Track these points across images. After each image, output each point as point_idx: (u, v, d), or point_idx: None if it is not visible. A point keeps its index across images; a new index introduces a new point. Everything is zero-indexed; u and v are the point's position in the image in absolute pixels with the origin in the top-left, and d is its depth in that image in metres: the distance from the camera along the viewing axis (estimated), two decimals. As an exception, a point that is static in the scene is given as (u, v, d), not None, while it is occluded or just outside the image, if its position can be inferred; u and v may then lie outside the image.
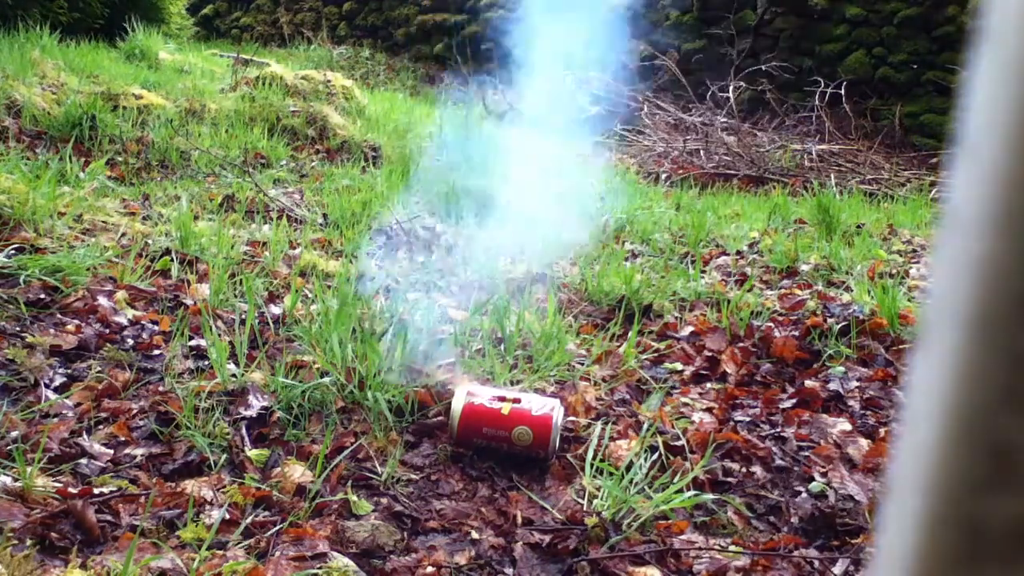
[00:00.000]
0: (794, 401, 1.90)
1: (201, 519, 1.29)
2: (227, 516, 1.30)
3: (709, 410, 1.83)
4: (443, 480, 1.51)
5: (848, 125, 6.65)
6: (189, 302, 2.09)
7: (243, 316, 1.93)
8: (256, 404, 1.63)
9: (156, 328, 1.95)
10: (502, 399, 1.59)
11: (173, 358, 1.79)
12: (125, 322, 1.94)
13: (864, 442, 1.71)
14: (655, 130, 6.50)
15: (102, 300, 1.99)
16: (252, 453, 1.49)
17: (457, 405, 1.57)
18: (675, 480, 1.47)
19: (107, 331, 1.89)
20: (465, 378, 1.75)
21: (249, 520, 1.30)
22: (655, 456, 1.56)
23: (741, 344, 2.18)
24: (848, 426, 1.78)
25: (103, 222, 2.61)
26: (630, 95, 6.89)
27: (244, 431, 1.56)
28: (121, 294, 2.04)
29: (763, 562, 1.33)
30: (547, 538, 1.35)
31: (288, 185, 3.59)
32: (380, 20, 10.23)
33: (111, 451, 1.46)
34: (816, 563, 1.35)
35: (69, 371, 1.71)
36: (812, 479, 1.58)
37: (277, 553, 1.23)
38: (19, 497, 1.26)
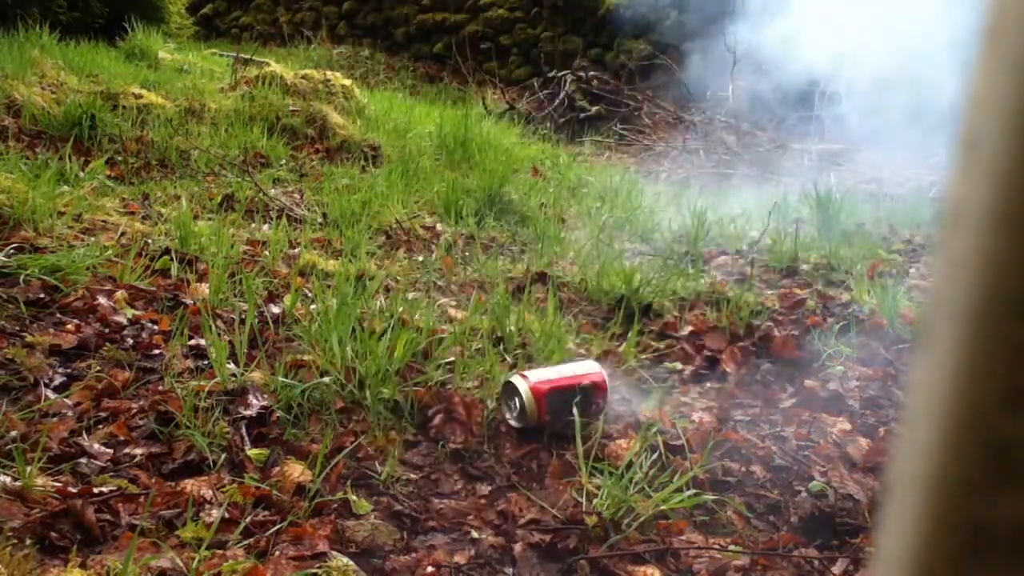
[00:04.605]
0: (794, 401, 1.90)
1: (201, 518, 1.29)
2: (227, 515, 1.29)
3: (709, 409, 1.83)
4: (443, 479, 1.51)
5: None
6: (189, 301, 2.09)
7: (243, 316, 1.93)
8: (256, 404, 1.63)
9: (156, 328, 1.95)
10: (549, 372, 1.69)
11: (173, 358, 1.79)
12: (125, 321, 1.94)
13: (864, 441, 1.71)
14: (655, 129, 6.50)
15: (102, 299, 1.98)
16: (252, 452, 1.49)
17: (523, 388, 1.62)
18: (675, 479, 1.47)
19: (107, 330, 1.88)
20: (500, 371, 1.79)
21: (249, 519, 1.30)
22: (655, 455, 1.56)
23: (741, 343, 2.18)
24: (848, 426, 1.78)
25: (103, 221, 2.60)
26: (629, 94, 6.88)
27: (244, 431, 1.55)
28: (121, 293, 2.04)
29: (763, 562, 1.33)
30: (547, 537, 1.35)
31: (288, 184, 3.59)
32: (380, 19, 10.22)
33: (111, 450, 1.46)
34: (816, 563, 1.35)
35: (69, 370, 1.71)
36: (812, 478, 1.57)
37: (277, 552, 1.23)
38: (19, 496, 1.26)
